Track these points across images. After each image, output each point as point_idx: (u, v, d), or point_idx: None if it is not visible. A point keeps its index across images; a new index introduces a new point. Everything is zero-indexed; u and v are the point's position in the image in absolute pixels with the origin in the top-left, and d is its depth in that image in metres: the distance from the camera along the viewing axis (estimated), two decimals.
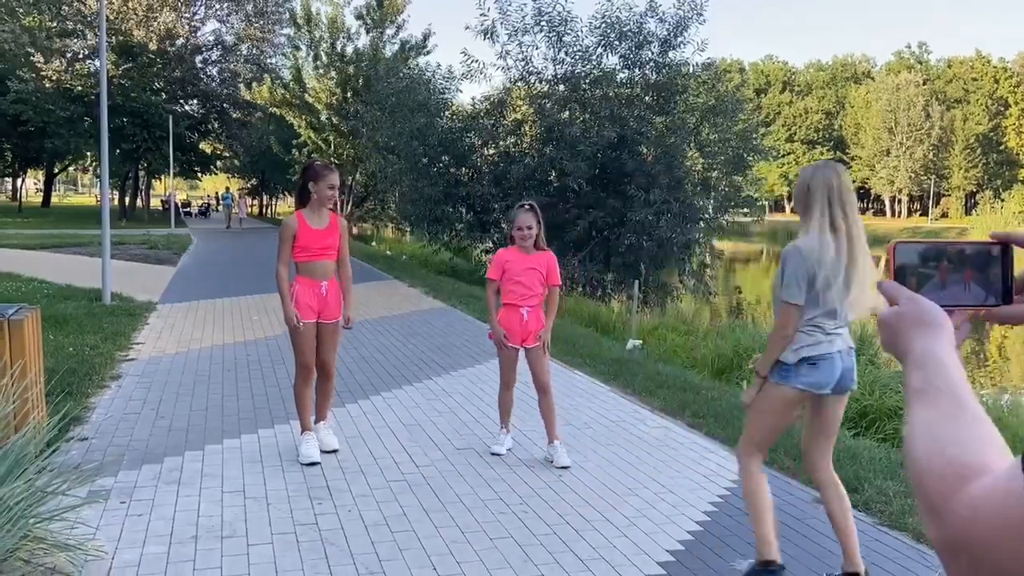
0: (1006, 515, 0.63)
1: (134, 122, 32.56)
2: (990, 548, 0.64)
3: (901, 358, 0.85)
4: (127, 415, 5.55)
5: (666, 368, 8.18)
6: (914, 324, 0.84)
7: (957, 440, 0.72)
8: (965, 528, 0.67)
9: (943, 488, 0.70)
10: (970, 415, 0.74)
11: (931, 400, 0.77)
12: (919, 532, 3.93)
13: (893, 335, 0.87)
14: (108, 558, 3.36)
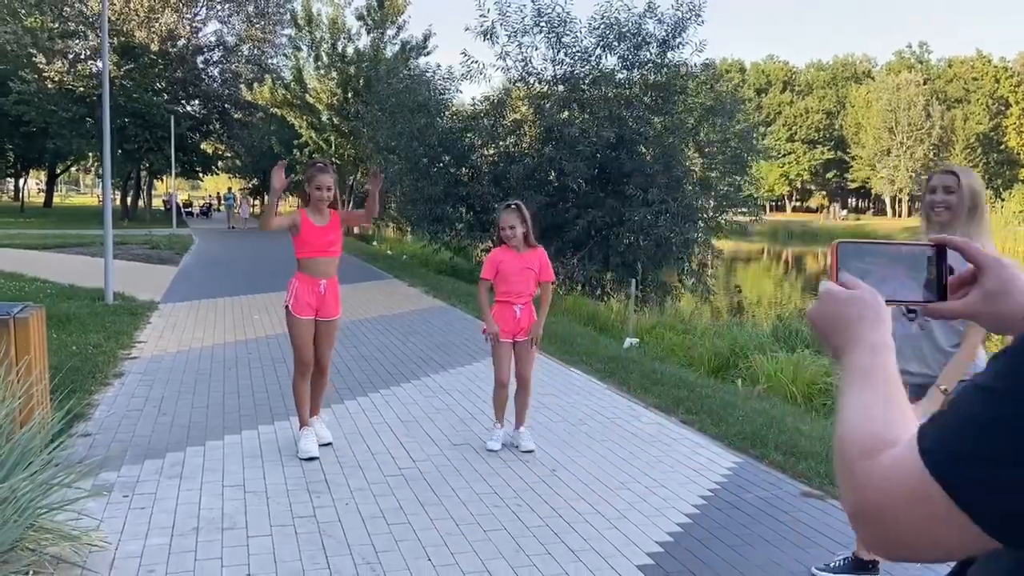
0: (896, 481, 0.71)
1: (136, 122, 32.67)
2: (890, 511, 0.72)
3: (848, 340, 0.90)
4: (130, 412, 5.65)
5: (662, 366, 8.27)
6: (873, 312, 0.90)
7: (886, 418, 0.79)
8: (871, 494, 0.73)
9: (860, 457, 0.76)
10: (905, 402, 0.82)
11: (874, 382, 0.83)
12: None
13: (846, 318, 0.91)
14: (112, 549, 3.45)
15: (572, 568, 3.48)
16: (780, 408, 6.73)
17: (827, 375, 8.62)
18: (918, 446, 0.71)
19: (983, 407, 0.68)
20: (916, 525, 0.71)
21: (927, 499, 0.69)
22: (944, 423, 0.71)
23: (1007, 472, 0.65)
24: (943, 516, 0.68)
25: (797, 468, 4.82)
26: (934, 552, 0.72)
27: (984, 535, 0.67)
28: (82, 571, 3.21)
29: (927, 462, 0.69)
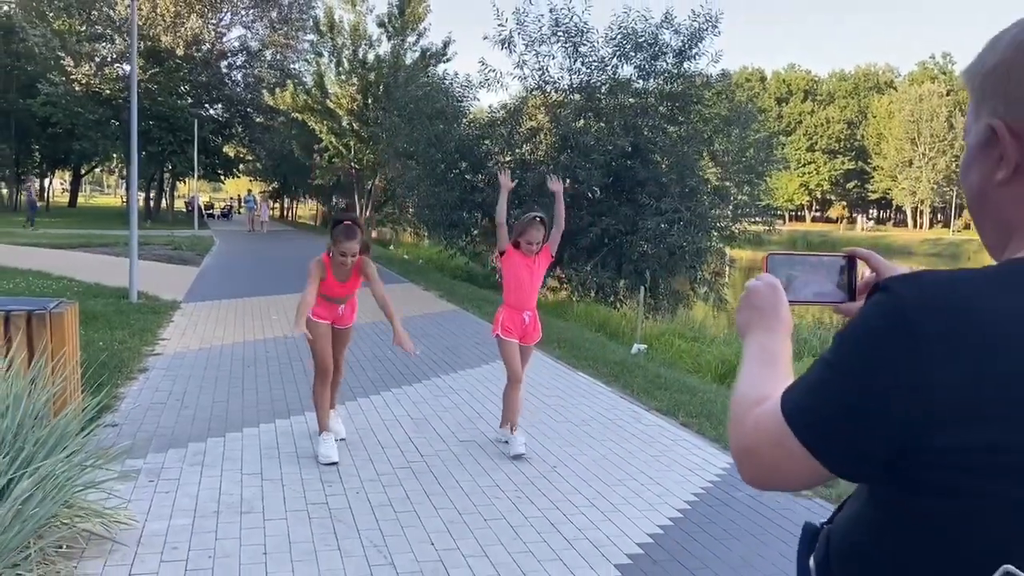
0: (768, 428, 0.93)
1: (160, 125, 33.29)
2: (760, 452, 0.94)
3: (749, 323, 1.13)
4: (154, 404, 5.94)
5: (667, 372, 8.47)
6: (769, 304, 1.12)
7: (763, 384, 1.01)
8: (747, 436, 0.96)
9: (744, 410, 0.99)
10: (783, 372, 1.04)
11: (762, 356, 1.06)
12: None
13: (749, 306, 1.14)
14: (138, 527, 3.72)
15: (566, 555, 3.71)
16: None
17: None
18: (780, 402, 0.93)
19: (820, 373, 0.90)
20: (777, 462, 0.92)
21: (784, 442, 0.90)
22: (797, 385, 0.93)
23: (832, 420, 0.87)
24: (795, 454, 0.89)
25: None
26: (789, 483, 0.94)
27: (821, 468, 0.89)
28: (112, 545, 3.48)
29: (784, 413, 0.91)
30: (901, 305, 0.85)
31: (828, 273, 1.21)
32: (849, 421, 0.86)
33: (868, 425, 0.85)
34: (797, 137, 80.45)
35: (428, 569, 3.50)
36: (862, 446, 0.86)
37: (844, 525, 0.97)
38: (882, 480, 0.88)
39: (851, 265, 1.22)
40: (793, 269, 1.19)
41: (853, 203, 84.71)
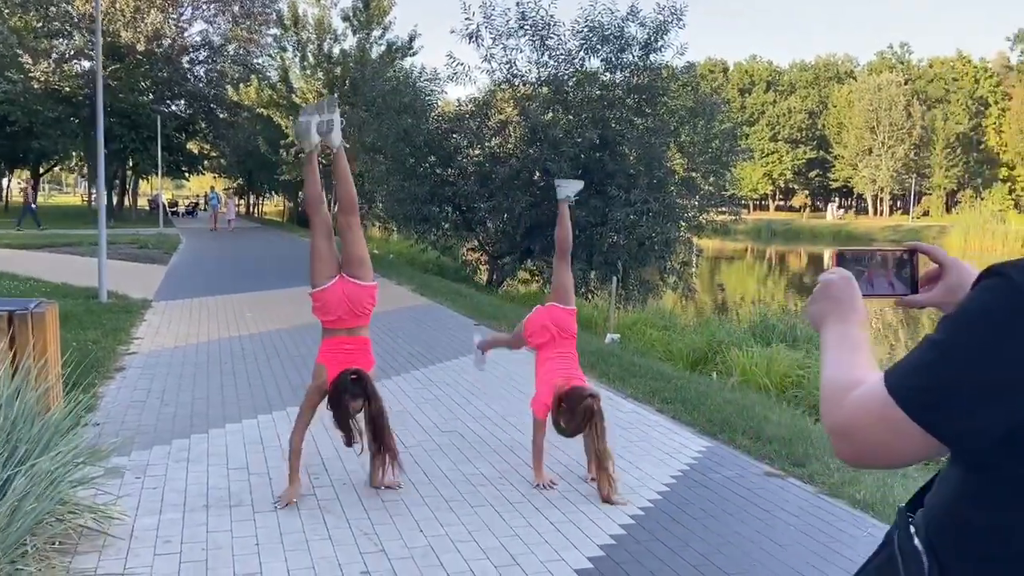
0: (870, 407, 0.99)
1: (121, 122, 32.76)
2: (862, 430, 1.00)
3: (827, 314, 1.19)
4: (134, 403, 5.94)
5: (641, 360, 8.63)
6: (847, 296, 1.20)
7: (855, 368, 1.09)
8: (848, 417, 1.02)
9: (838, 392, 1.05)
10: (868, 358, 1.12)
11: (845, 344, 1.14)
12: (855, 499, 4.38)
13: (824, 297, 1.21)
14: (130, 521, 3.76)
15: (552, 537, 3.82)
16: (750, 398, 7.10)
17: (800, 368, 9.01)
18: (884, 381, 1.00)
19: (930, 354, 0.97)
20: (881, 438, 0.99)
21: (891, 421, 0.97)
22: (902, 367, 0.99)
23: (951, 398, 0.94)
24: (903, 432, 0.96)
25: (762, 451, 5.19)
26: (894, 459, 1.01)
27: (929, 440, 0.95)
28: (105, 539, 3.52)
29: (894, 394, 0.97)
30: (1020, 287, 0.92)
31: (892, 267, 1.29)
32: (970, 399, 0.92)
33: (989, 402, 0.91)
34: (760, 127, 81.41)
35: (418, 554, 3.59)
36: (981, 422, 0.92)
37: (942, 499, 1.03)
38: (994, 451, 0.93)
39: (913, 259, 1.29)
40: (860, 264, 1.27)
41: (815, 192, 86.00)
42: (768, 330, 11.31)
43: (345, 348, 4.29)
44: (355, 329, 4.33)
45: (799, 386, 8.64)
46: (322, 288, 4.25)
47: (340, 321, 4.28)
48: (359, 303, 4.29)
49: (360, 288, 4.30)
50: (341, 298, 4.25)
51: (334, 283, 4.27)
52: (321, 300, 4.27)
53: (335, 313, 4.25)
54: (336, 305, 4.25)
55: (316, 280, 4.29)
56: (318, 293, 4.27)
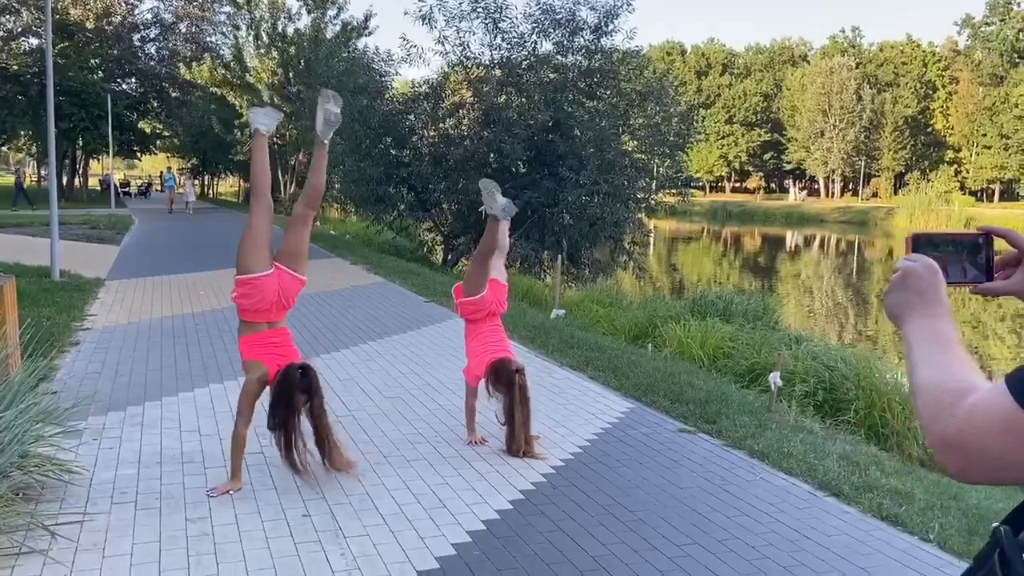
0: (991, 417, 0.89)
1: (71, 101, 32.17)
2: (980, 442, 0.89)
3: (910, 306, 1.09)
4: (89, 374, 6.20)
5: (582, 334, 9.07)
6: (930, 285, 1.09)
7: (960, 369, 0.98)
8: (962, 428, 0.91)
9: (946, 401, 0.94)
10: (964, 356, 1.02)
11: (940, 341, 1.03)
12: (753, 450, 4.87)
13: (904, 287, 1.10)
14: (88, 476, 4.08)
15: (478, 485, 4.23)
16: (679, 367, 7.58)
17: (731, 340, 9.55)
18: (1009, 388, 0.89)
19: None
20: (1004, 451, 0.87)
21: (1018, 429, 0.86)
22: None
23: None
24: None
25: (678, 411, 5.66)
26: (1018, 474, 0.89)
27: None
28: (66, 488, 3.84)
29: (1018, 397, 0.87)
30: None
31: (965, 252, 1.19)
32: None
33: None
34: (716, 110, 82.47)
35: (355, 500, 3.97)
36: None
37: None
38: None
39: (988, 243, 1.19)
40: (934, 248, 1.17)
41: (770, 174, 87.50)
42: (707, 306, 11.85)
43: (273, 341, 4.15)
44: (276, 322, 4.21)
45: (729, 356, 9.18)
46: (259, 275, 4.06)
47: (266, 313, 4.12)
48: (289, 295, 4.20)
49: (295, 280, 4.23)
50: (275, 289, 4.11)
51: (271, 273, 4.11)
52: (254, 287, 4.06)
53: (265, 304, 4.09)
54: (268, 295, 4.09)
55: (250, 265, 4.07)
56: (253, 279, 4.06)
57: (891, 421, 7.21)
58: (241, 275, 4.08)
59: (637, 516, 3.88)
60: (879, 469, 4.72)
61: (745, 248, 45.41)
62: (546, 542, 3.57)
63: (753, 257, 39.08)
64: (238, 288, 4.09)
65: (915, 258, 1.13)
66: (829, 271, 32.38)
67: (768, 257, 38.88)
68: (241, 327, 4.17)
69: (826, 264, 35.83)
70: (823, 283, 27.78)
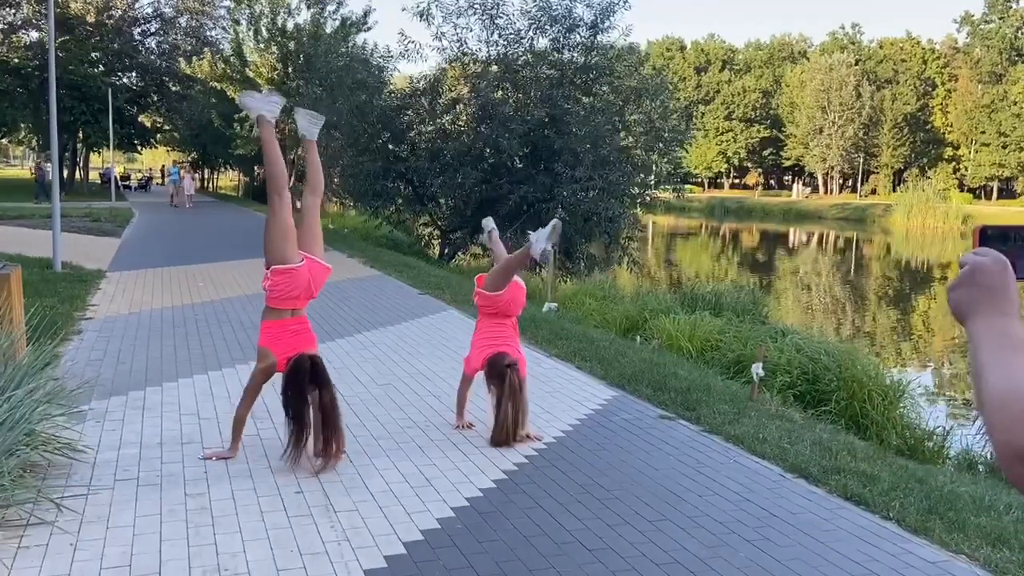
0: None
1: (71, 95, 32.35)
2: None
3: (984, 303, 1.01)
4: (92, 361, 6.41)
5: (572, 326, 9.27)
6: (999, 279, 1.03)
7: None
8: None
9: (1018, 410, 0.88)
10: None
11: (1012, 346, 0.96)
12: (729, 435, 5.08)
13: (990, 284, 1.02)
14: (92, 455, 4.29)
15: (464, 465, 4.43)
16: (666, 358, 7.79)
17: (719, 333, 9.76)
18: None
19: None
20: None
21: None
22: None
23: None
24: None
25: (660, 399, 5.86)
26: None
27: None
28: (72, 465, 4.05)
29: None
30: None
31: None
32: None
33: None
34: (715, 106, 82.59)
35: (346, 479, 4.18)
36: None
37: None
38: None
39: None
40: (1003, 243, 1.10)
41: (768, 170, 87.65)
42: (697, 300, 12.06)
43: (292, 329, 4.32)
44: (300, 310, 4.39)
45: (717, 349, 9.38)
46: (294, 266, 4.23)
47: (295, 301, 4.31)
48: (318, 283, 4.39)
49: (323, 268, 4.42)
50: (307, 278, 4.28)
51: (304, 264, 4.28)
52: (290, 276, 4.22)
53: (296, 291, 4.26)
54: (301, 284, 4.27)
55: (286, 255, 4.23)
56: (289, 270, 4.22)
57: (871, 412, 7.43)
58: (277, 265, 4.24)
59: (613, 494, 4.09)
60: (851, 455, 4.93)
61: (742, 244, 45.61)
62: (525, 517, 3.78)
63: (749, 253, 39.27)
64: (274, 277, 4.25)
65: (983, 251, 1.06)
66: (823, 267, 32.59)
67: (764, 253, 39.08)
68: (266, 312, 4.36)
69: (820, 260, 36.03)
70: (817, 279, 27.98)
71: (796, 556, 3.48)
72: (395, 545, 3.45)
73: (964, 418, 9.50)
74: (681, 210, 65.38)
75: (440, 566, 3.27)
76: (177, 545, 3.37)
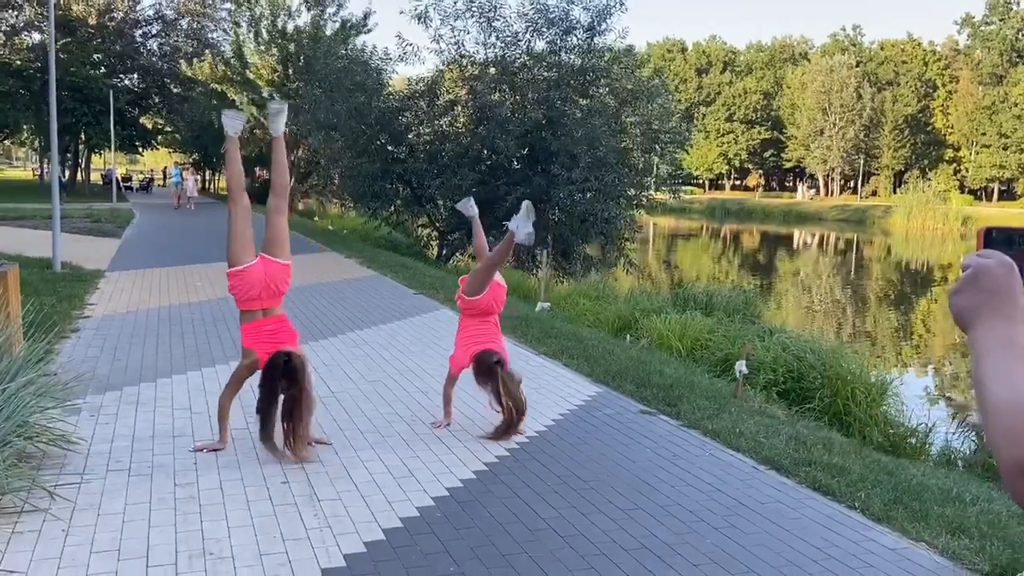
0: None
1: (73, 96, 32.57)
2: None
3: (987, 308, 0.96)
4: (88, 358, 6.55)
5: (563, 325, 9.41)
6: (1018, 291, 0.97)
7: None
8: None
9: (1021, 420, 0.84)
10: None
11: (1017, 353, 0.91)
12: (707, 429, 5.21)
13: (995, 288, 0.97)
14: (86, 446, 4.42)
15: (446, 458, 4.57)
16: (653, 356, 7.92)
17: (709, 332, 9.88)
18: None
19: None
20: None
21: None
22: None
23: None
24: None
25: (642, 395, 6.00)
26: None
27: None
28: (65, 456, 4.18)
29: None
30: None
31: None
32: None
33: None
34: (716, 107, 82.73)
35: (331, 470, 4.31)
36: None
37: None
38: None
39: None
40: (1009, 245, 1.06)
41: (769, 172, 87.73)
42: (688, 300, 12.19)
43: (267, 329, 4.48)
44: (270, 309, 4.53)
45: (706, 348, 9.51)
46: (244, 266, 4.44)
47: (257, 301, 4.47)
48: (277, 281, 4.51)
49: (279, 266, 4.53)
50: (262, 277, 4.44)
51: (255, 263, 4.46)
52: (241, 278, 4.43)
53: (254, 291, 4.43)
54: (256, 283, 4.43)
55: (236, 258, 4.47)
56: (240, 271, 4.44)
57: (854, 409, 7.56)
58: (230, 268, 4.49)
59: (589, 485, 4.22)
60: (826, 449, 5.05)
61: (742, 245, 45.72)
62: (502, 506, 3.91)
63: (749, 254, 39.38)
64: (229, 280, 4.52)
65: (988, 254, 1.01)
66: (822, 268, 32.68)
67: (764, 254, 39.19)
68: (241, 316, 4.56)
69: (820, 261, 36.13)
70: (816, 280, 28.09)
71: (761, 543, 3.61)
72: (375, 532, 3.58)
73: (950, 416, 9.62)
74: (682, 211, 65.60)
75: (417, 551, 3.41)
76: (165, 531, 3.51)
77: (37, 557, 3.22)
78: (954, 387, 12.48)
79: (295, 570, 3.21)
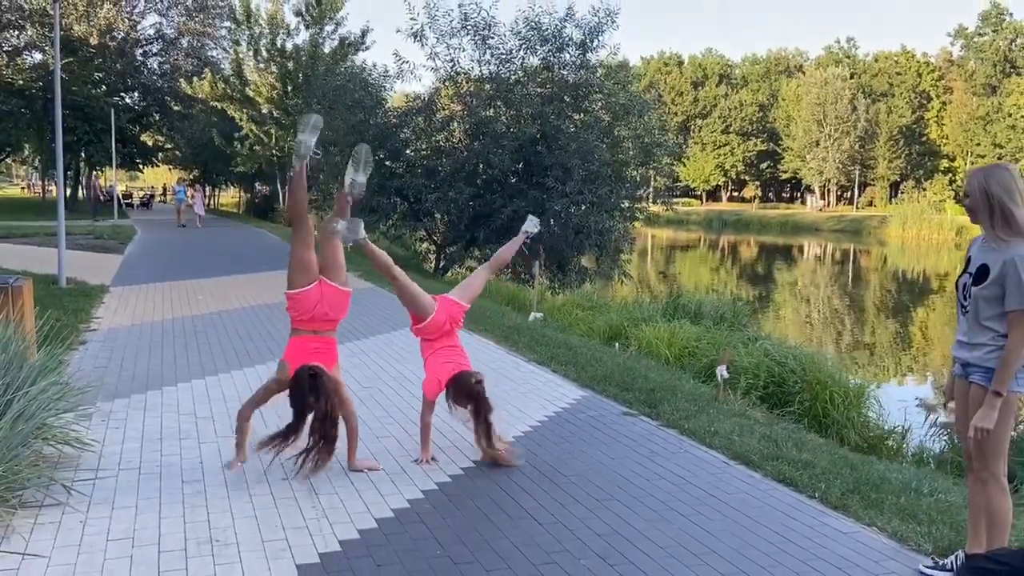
0: None
1: (75, 115, 32.97)
2: None
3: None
4: (96, 368, 6.85)
5: (554, 334, 9.71)
6: None
7: None
8: None
9: None
10: None
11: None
12: (683, 428, 5.51)
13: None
14: (98, 448, 4.72)
15: (437, 457, 4.86)
16: (640, 363, 8.22)
17: (696, 340, 10.20)
18: None
19: None
20: None
21: None
22: None
23: None
24: None
25: (626, 398, 6.30)
26: None
27: None
28: (80, 456, 4.49)
29: None
30: None
31: None
32: None
33: None
34: (712, 120, 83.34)
35: (331, 474, 4.61)
36: None
37: None
38: None
39: None
40: None
41: (766, 183, 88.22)
42: (678, 309, 12.51)
43: (311, 347, 4.49)
44: (322, 331, 4.55)
45: (693, 355, 9.82)
46: (299, 291, 4.46)
47: (311, 322, 4.50)
48: (336, 306, 4.54)
49: (339, 291, 4.56)
50: (319, 300, 4.46)
51: (313, 287, 4.47)
52: (297, 300, 4.47)
53: (307, 314, 4.47)
54: (312, 306, 4.47)
55: (295, 282, 4.48)
56: (296, 294, 4.47)
57: (832, 412, 7.86)
58: (288, 291, 4.53)
59: (569, 479, 4.52)
60: (797, 447, 5.35)
61: (740, 256, 46.05)
62: (486, 497, 4.21)
63: (746, 265, 39.72)
64: (287, 301, 4.56)
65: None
66: (819, 278, 33.00)
67: (762, 265, 39.51)
68: (291, 331, 4.60)
69: (818, 271, 36.45)
70: (814, 290, 28.40)
71: (725, 528, 3.90)
72: (368, 521, 3.88)
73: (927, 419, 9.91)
74: (679, 223, 66.02)
75: (407, 537, 3.71)
76: (174, 522, 3.80)
77: (59, 544, 3.52)
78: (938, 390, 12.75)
79: (295, 554, 3.51)
